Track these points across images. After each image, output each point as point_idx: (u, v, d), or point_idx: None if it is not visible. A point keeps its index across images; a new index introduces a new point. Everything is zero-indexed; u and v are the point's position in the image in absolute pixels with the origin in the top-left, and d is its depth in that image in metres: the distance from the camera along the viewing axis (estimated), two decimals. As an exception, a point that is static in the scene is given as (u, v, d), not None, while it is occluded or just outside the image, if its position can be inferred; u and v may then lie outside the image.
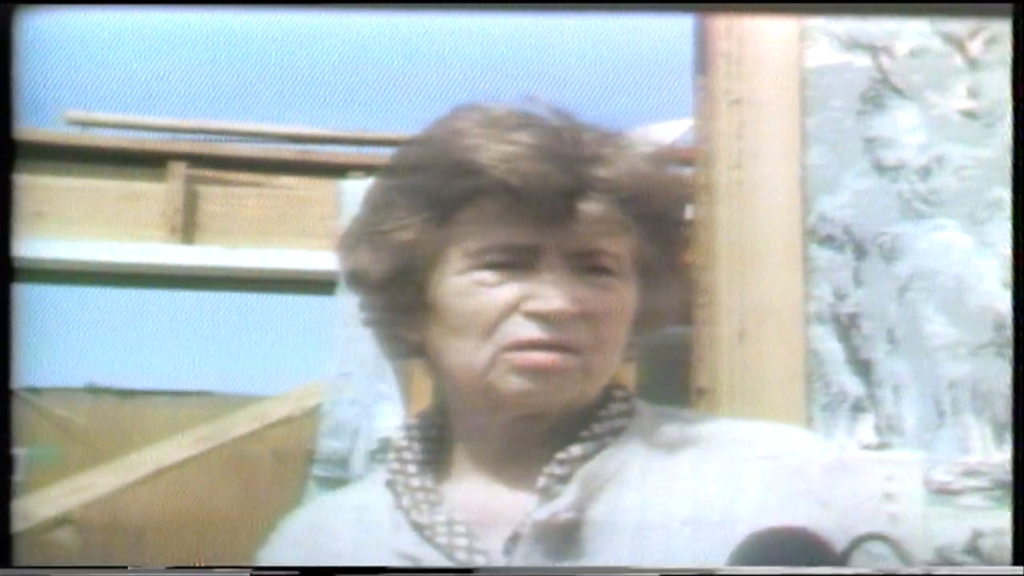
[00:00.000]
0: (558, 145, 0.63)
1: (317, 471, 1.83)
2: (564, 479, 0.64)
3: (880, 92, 1.39)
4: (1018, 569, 0.64)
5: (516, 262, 0.63)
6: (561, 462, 0.65)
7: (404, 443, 0.69)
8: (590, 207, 0.62)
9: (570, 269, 0.64)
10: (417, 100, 1.82)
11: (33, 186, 1.78)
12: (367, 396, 1.79)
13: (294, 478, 1.91)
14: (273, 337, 1.97)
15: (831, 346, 1.38)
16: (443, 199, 0.64)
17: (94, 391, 2.00)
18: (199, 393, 2.05)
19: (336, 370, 1.83)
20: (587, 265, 0.64)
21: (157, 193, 1.97)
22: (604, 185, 0.63)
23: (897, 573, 0.60)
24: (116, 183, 1.97)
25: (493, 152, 0.62)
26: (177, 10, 1.02)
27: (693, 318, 1.42)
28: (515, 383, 0.63)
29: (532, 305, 0.63)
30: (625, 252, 0.65)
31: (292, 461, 1.96)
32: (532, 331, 0.63)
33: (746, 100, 1.48)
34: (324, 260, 1.96)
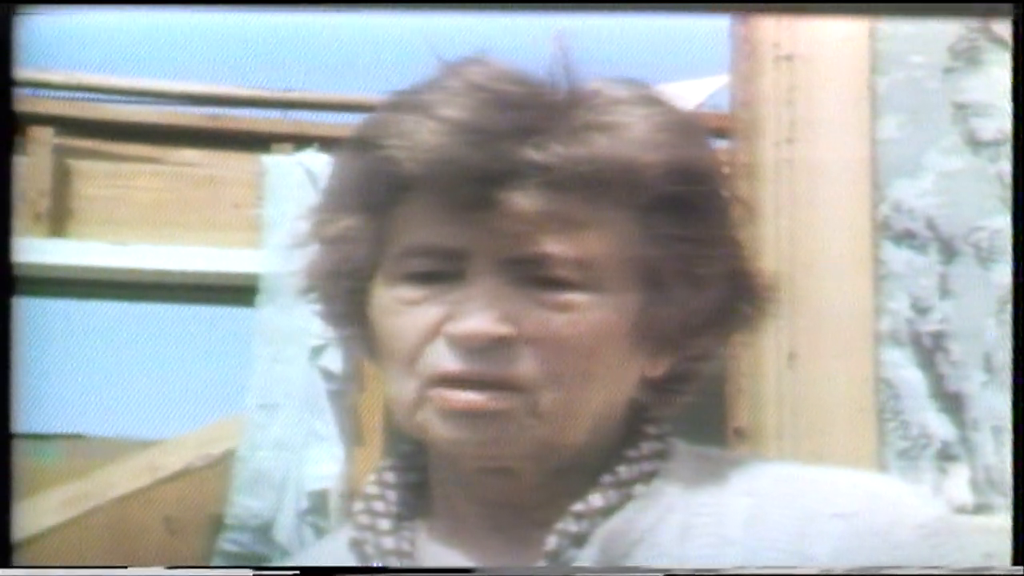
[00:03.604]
0: (498, 116, 0.63)
1: (227, 544, 1.80)
2: (580, 540, 0.64)
3: (975, 44, 1.41)
4: (1018, 569, 0.68)
5: (442, 272, 0.64)
6: (578, 516, 0.64)
7: (375, 491, 0.69)
8: (518, 199, 0.62)
9: (507, 280, 0.63)
10: (368, 55, 1.82)
11: None
12: (297, 437, 1.77)
13: (194, 553, 1.88)
14: (168, 361, 1.95)
15: (910, 374, 1.39)
16: (369, 191, 0.66)
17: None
18: (68, 437, 2.01)
19: (256, 402, 1.80)
20: (531, 276, 0.63)
21: (15, 169, 1.94)
22: (544, 168, 0.62)
23: (897, 573, 0.63)
24: (-40, 155, 1.94)
25: (397, 129, 0.63)
26: (174, 10, 1.14)
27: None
28: (441, 429, 0.63)
29: (450, 327, 0.63)
30: (601, 257, 0.64)
31: (191, 530, 1.94)
32: (452, 361, 0.63)
33: (799, 55, 1.49)
34: (240, 260, 1.94)
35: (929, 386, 1.39)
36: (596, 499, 0.64)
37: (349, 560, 0.68)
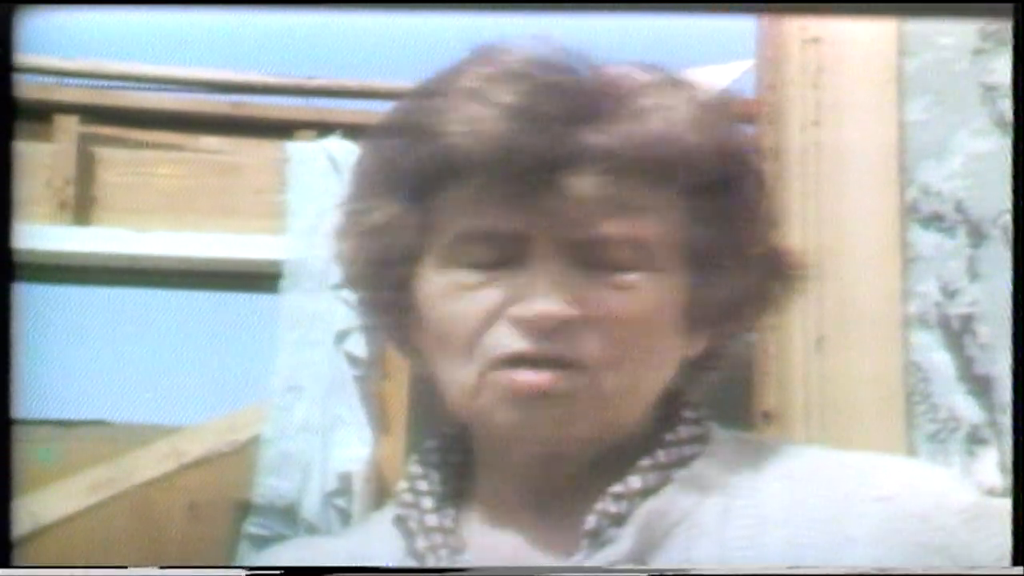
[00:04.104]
0: (552, 101, 0.64)
1: (253, 527, 1.81)
2: (620, 520, 0.65)
3: (1005, 24, 1.41)
4: (1018, 569, 0.68)
5: (502, 256, 0.65)
6: (617, 497, 0.65)
7: (419, 470, 0.71)
8: (580, 183, 0.63)
9: (569, 263, 0.65)
10: (392, 44, 1.82)
11: None
12: (322, 420, 1.78)
13: (220, 538, 1.89)
14: (192, 347, 1.95)
15: (939, 357, 1.40)
16: (415, 178, 0.66)
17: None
18: (92, 423, 2.01)
19: (282, 385, 1.81)
20: (592, 258, 0.65)
21: (40, 157, 1.94)
22: (607, 153, 0.64)
23: (897, 573, 0.63)
24: (-16, 143, 1.94)
25: (457, 116, 0.64)
26: (176, 10, 1.17)
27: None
28: (505, 412, 0.64)
29: (515, 310, 0.64)
30: (654, 238, 0.66)
31: (217, 515, 1.94)
32: (517, 342, 0.64)
33: (825, 38, 1.49)
34: (261, 247, 1.95)
35: (958, 369, 1.39)
36: (635, 481, 0.65)
37: (394, 536, 0.69)
